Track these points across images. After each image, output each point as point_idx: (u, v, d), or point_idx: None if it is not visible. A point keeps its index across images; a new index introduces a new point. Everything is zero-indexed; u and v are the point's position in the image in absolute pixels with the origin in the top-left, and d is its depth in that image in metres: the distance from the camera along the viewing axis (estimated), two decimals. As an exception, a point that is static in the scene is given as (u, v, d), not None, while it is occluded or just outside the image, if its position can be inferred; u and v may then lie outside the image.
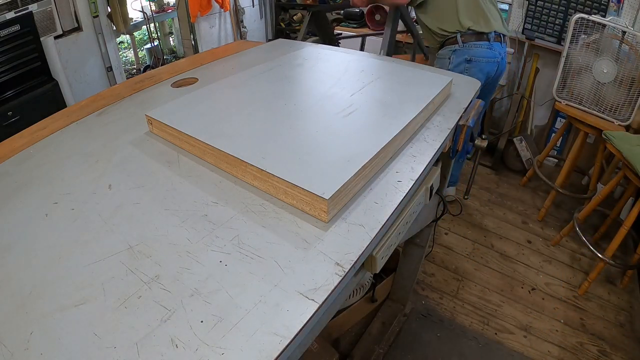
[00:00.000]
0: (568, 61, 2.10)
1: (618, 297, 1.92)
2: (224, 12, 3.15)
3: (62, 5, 2.19)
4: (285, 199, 0.67)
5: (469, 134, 0.99)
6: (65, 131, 0.91)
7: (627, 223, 1.73)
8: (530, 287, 1.96)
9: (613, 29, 1.96)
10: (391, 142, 0.77)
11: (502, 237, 2.25)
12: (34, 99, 1.98)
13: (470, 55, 1.79)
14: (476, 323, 1.77)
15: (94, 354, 0.45)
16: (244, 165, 0.70)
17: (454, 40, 1.80)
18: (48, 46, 2.12)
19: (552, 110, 2.73)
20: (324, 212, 0.62)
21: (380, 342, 1.63)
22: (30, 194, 0.71)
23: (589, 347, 1.69)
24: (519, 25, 2.55)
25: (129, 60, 3.60)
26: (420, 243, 1.51)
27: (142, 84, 1.16)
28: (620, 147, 1.73)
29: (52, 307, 0.50)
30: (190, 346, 0.45)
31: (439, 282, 1.96)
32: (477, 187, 2.64)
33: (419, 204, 0.83)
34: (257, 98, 0.96)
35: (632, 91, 1.93)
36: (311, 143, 0.76)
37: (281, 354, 0.45)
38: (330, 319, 0.67)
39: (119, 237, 0.61)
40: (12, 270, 0.56)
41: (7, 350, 0.46)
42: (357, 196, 0.69)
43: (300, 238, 0.60)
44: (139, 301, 0.51)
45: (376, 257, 0.66)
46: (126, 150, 0.83)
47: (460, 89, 1.10)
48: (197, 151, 0.79)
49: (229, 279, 0.54)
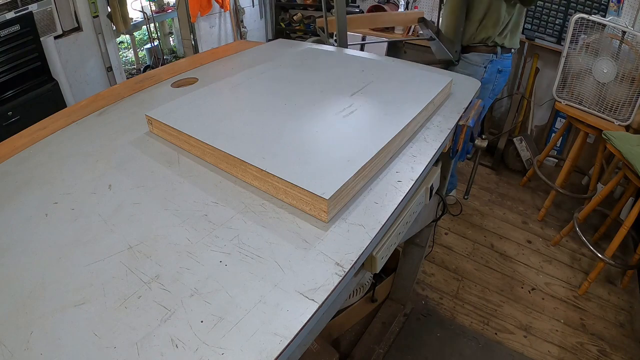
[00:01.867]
0: (568, 61, 2.10)
1: (618, 297, 1.92)
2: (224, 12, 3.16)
3: (62, 5, 2.19)
4: (285, 199, 0.67)
5: (469, 134, 0.99)
6: (65, 131, 0.91)
7: (627, 223, 1.73)
8: (530, 287, 1.96)
9: (613, 29, 1.96)
10: (391, 142, 0.77)
11: (502, 237, 2.25)
12: (34, 99, 1.98)
13: (502, 66, 1.87)
14: (476, 323, 1.77)
15: (94, 354, 0.45)
16: (244, 165, 0.70)
17: (493, 49, 1.83)
18: (48, 46, 2.12)
19: (552, 110, 2.73)
20: (324, 212, 0.62)
21: (380, 342, 1.63)
22: (30, 194, 0.71)
23: (589, 347, 1.69)
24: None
25: (129, 60, 3.60)
26: (420, 243, 1.51)
27: (142, 84, 1.16)
28: (620, 147, 1.73)
29: (52, 307, 0.50)
30: (190, 346, 0.45)
31: (439, 282, 1.97)
32: (477, 187, 2.64)
33: (419, 204, 0.83)
34: (257, 98, 0.96)
35: (632, 91, 1.93)
36: (311, 143, 0.76)
37: (281, 354, 0.45)
38: (330, 319, 0.67)
39: (119, 237, 0.61)
40: (12, 270, 0.56)
41: (7, 350, 0.46)
42: (357, 196, 0.69)
43: (300, 238, 0.60)
44: (139, 301, 0.51)
45: (376, 257, 0.66)
46: (126, 150, 0.83)
47: (460, 89, 1.10)
48: (197, 151, 0.79)
49: (229, 279, 0.54)
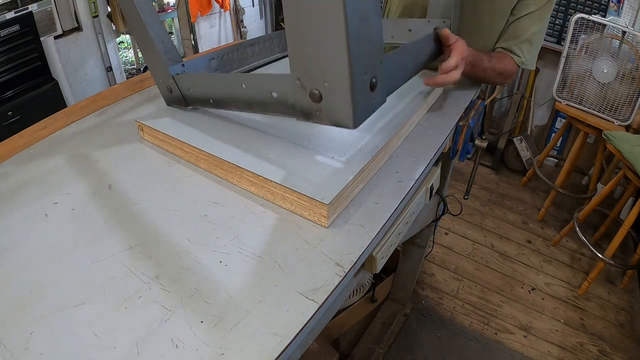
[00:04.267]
0: (568, 61, 2.10)
1: (618, 297, 1.92)
2: (224, 12, 3.16)
3: (62, 5, 2.19)
4: (283, 204, 0.66)
5: (469, 134, 0.99)
6: (65, 131, 0.91)
7: (627, 223, 1.73)
8: (530, 287, 1.96)
9: (613, 29, 1.96)
10: (390, 142, 0.77)
11: (502, 237, 2.25)
12: (34, 99, 1.98)
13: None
14: (476, 323, 1.77)
15: (94, 354, 0.45)
16: (240, 170, 0.68)
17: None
18: (48, 46, 2.12)
19: (552, 110, 2.73)
20: (323, 217, 0.61)
21: (380, 342, 1.63)
22: (30, 194, 0.71)
23: (589, 347, 1.69)
24: (519, 25, 2.54)
25: (129, 60, 3.60)
26: (420, 243, 1.51)
27: (142, 84, 1.15)
28: (620, 147, 1.73)
29: (52, 307, 0.50)
30: (190, 346, 0.45)
31: (439, 282, 1.96)
32: (477, 187, 2.64)
33: (419, 204, 0.83)
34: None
35: (632, 91, 1.93)
36: (308, 145, 0.75)
37: (281, 354, 0.45)
38: (330, 319, 0.67)
39: (119, 237, 0.61)
40: (12, 270, 0.56)
41: (7, 350, 0.46)
42: (357, 197, 0.68)
43: (300, 238, 0.60)
44: (139, 301, 0.51)
45: (376, 257, 0.66)
46: (126, 150, 0.83)
47: (460, 89, 1.10)
48: (191, 157, 0.77)
49: (229, 279, 0.54)
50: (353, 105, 0.56)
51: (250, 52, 1.06)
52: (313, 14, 0.52)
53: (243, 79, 0.72)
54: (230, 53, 1.01)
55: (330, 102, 0.58)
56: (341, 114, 0.58)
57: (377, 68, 0.60)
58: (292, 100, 0.64)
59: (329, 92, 0.57)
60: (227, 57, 1.00)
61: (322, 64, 0.55)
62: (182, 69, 0.85)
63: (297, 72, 0.59)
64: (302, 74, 0.59)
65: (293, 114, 0.65)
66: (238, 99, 0.75)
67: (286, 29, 0.57)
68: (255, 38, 1.08)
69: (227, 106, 0.78)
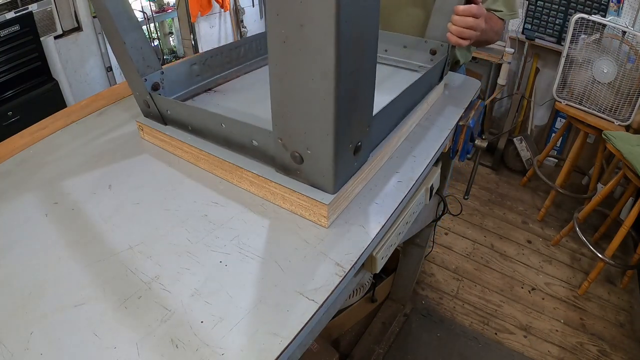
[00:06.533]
0: (568, 61, 2.10)
1: (618, 297, 1.92)
2: (224, 12, 3.15)
3: (62, 5, 2.19)
4: (283, 204, 0.66)
5: (469, 134, 0.99)
6: (65, 131, 0.91)
7: (627, 223, 1.73)
8: (530, 287, 1.96)
9: (613, 29, 1.96)
10: (390, 142, 0.77)
11: (502, 237, 2.25)
12: (34, 99, 1.98)
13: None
14: (476, 323, 1.77)
15: (94, 354, 0.45)
16: (240, 170, 0.69)
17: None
18: (48, 46, 2.12)
19: (552, 110, 2.73)
20: (323, 217, 0.61)
21: (380, 342, 1.63)
22: (30, 193, 0.71)
23: (589, 347, 1.69)
24: (519, 25, 2.54)
25: (129, 60, 3.59)
26: (420, 243, 1.51)
27: (142, 84, 1.15)
28: (620, 147, 1.73)
29: (52, 307, 0.50)
30: (190, 346, 0.45)
31: (439, 282, 1.96)
32: (477, 187, 2.64)
33: (419, 204, 0.83)
34: (252, 99, 0.95)
35: (632, 91, 1.93)
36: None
37: (281, 354, 0.45)
38: (330, 319, 0.67)
39: (119, 237, 0.61)
40: (12, 270, 0.56)
41: (7, 350, 0.46)
42: (357, 196, 0.68)
43: (300, 238, 0.60)
44: (139, 301, 0.51)
45: (376, 257, 0.66)
46: (126, 150, 0.83)
47: (460, 89, 1.10)
48: (191, 157, 0.77)
49: (229, 279, 0.54)
50: (334, 173, 0.57)
51: (234, 55, 1.04)
52: (302, 87, 0.52)
53: (223, 120, 0.70)
54: (213, 57, 0.98)
55: (311, 166, 0.59)
56: (321, 180, 0.60)
57: (364, 134, 0.61)
58: (272, 153, 0.64)
59: (310, 158, 0.58)
60: (210, 61, 0.97)
61: (306, 133, 0.55)
62: (161, 77, 0.82)
63: (280, 134, 0.59)
64: (284, 137, 0.59)
65: (273, 165, 0.66)
66: (217, 135, 0.73)
67: (271, 91, 0.56)
68: (239, 40, 1.05)
69: (205, 138, 0.76)
